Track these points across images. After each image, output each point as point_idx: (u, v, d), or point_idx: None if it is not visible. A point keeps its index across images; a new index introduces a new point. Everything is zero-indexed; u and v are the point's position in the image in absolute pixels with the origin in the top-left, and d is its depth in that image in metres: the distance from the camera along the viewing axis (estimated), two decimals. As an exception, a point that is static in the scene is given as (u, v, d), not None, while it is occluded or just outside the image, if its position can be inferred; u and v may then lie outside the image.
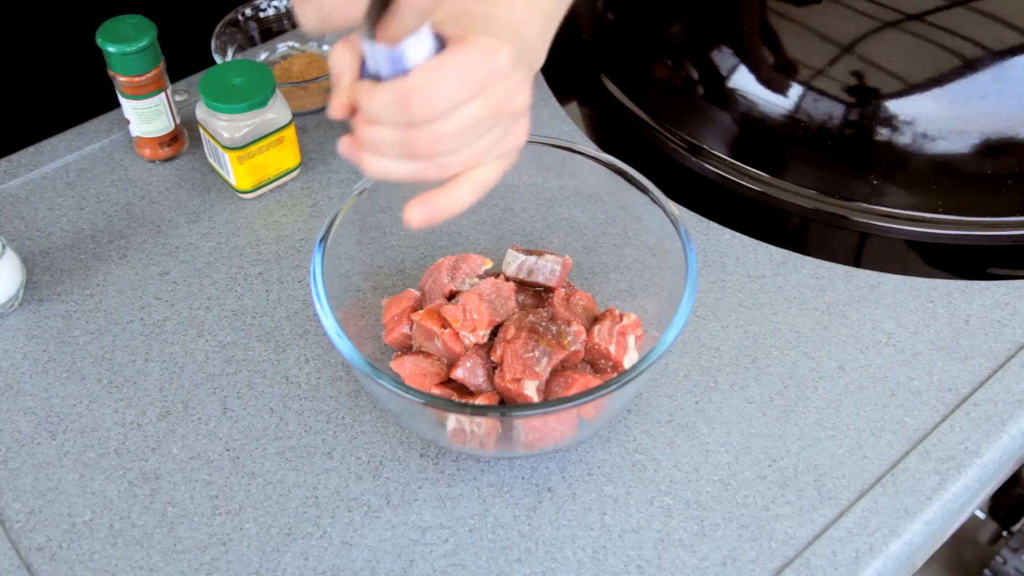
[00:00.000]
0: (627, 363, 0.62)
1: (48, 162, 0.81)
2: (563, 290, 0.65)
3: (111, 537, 0.59)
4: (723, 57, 0.81)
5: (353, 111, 0.48)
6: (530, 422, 0.57)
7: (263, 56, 0.89)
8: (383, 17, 0.42)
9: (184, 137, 0.82)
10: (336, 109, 0.48)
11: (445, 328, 0.61)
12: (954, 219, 0.75)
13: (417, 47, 0.45)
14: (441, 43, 0.46)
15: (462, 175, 0.49)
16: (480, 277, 0.65)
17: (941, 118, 0.74)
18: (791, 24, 0.80)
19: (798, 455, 0.62)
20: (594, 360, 0.62)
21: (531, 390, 0.58)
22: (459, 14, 0.48)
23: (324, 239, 0.60)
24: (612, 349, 0.61)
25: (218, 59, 0.84)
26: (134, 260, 0.74)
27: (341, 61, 0.47)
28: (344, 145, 0.49)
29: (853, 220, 0.76)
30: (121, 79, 0.75)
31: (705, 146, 0.81)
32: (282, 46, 0.90)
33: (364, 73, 0.47)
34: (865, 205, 0.76)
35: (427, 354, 0.62)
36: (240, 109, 0.73)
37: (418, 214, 0.50)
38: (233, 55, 0.86)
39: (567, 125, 0.84)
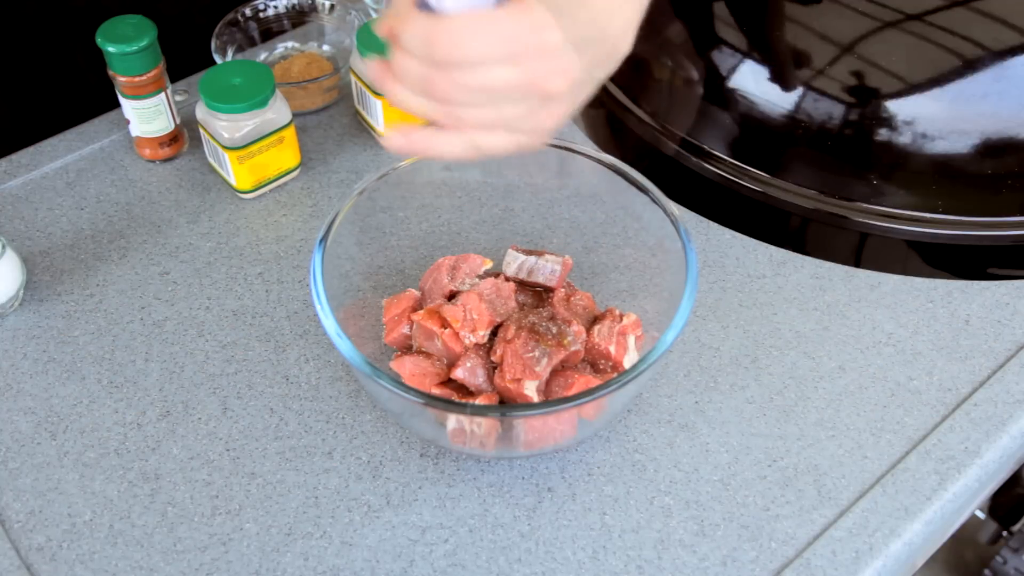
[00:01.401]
0: (627, 363, 0.62)
1: (48, 162, 0.81)
2: (563, 290, 0.65)
3: (111, 537, 0.59)
4: (723, 57, 0.81)
5: (393, 36, 0.48)
6: (530, 422, 0.57)
7: (263, 56, 0.89)
8: None
9: (184, 137, 0.82)
10: (380, 26, 0.49)
11: (445, 328, 0.61)
12: (954, 219, 0.75)
13: None
14: (502, 3, 0.45)
15: (465, 130, 0.49)
16: (480, 277, 0.65)
17: (941, 118, 0.74)
18: (791, 24, 0.80)
19: (798, 455, 0.62)
20: (594, 360, 0.62)
21: (531, 390, 0.58)
22: None
23: (324, 239, 0.60)
24: (612, 349, 0.61)
25: (218, 59, 0.84)
26: (134, 260, 0.74)
27: None
28: (374, 68, 0.49)
29: (853, 220, 0.76)
30: (121, 79, 0.75)
31: (705, 146, 0.81)
32: (282, 46, 0.90)
33: (420, 4, 0.47)
34: (865, 205, 0.76)
35: (427, 354, 0.62)
36: (240, 109, 0.73)
37: (394, 139, 0.50)
38: (233, 55, 0.86)
39: (567, 125, 0.84)
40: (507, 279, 0.65)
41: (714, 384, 0.66)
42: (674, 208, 0.61)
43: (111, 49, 0.73)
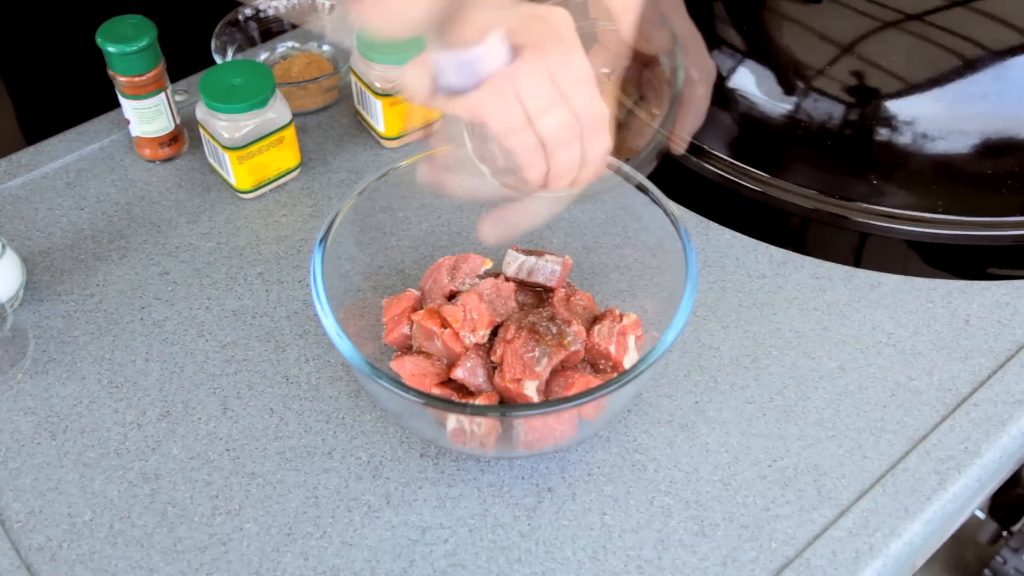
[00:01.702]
0: (627, 363, 0.62)
1: (48, 162, 0.81)
2: (563, 290, 0.65)
3: (111, 537, 0.59)
4: (723, 57, 0.81)
5: (429, 131, 0.47)
6: (530, 422, 0.57)
7: (263, 56, 0.89)
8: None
9: (184, 137, 0.82)
10: (415, 133, 0.47)
11: (445, 328, 0.61)
12: (954, 219, 0.75)
13: (491, 56, 0.43)
14: (514, 54, 0.45)
15: (540, 190, 0.47)
16: (480, 277, 0.65)
17: (941, 118, 0.74)
18: (791, 24, 0.80)
19: (798, 455, 0.62)
20: (594, 360, 0.62)
21: (531, 390, 0.58)
22: (528, 19, 0.46)
23: (324, 239, 0.60)
24: (612, 349, 0.61)
25: (218, 59, 0.84)
26: (134, 260, 0.74)
27: (415, 80, 0.46)
28: (423, 171, 0.47)
29: (853, 220, 0.76)
30: (121, 79, 0.75)
31: (705, 146, 0.81)
32: (282, 46, 0.90)
33: (437, 91, 0.46)
34: (865, 205, 0.76)
35: (427, 354, 0.62)
36: (240, 109, 0.73)
37: (493, 233, 0.47)
38: (233, 55, 0.86)
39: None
40: (507, 279, 0.65)
41: (714, 384, 0.66)
42: (674, 208, 0.61)
43: (111, 49, 0.73)
